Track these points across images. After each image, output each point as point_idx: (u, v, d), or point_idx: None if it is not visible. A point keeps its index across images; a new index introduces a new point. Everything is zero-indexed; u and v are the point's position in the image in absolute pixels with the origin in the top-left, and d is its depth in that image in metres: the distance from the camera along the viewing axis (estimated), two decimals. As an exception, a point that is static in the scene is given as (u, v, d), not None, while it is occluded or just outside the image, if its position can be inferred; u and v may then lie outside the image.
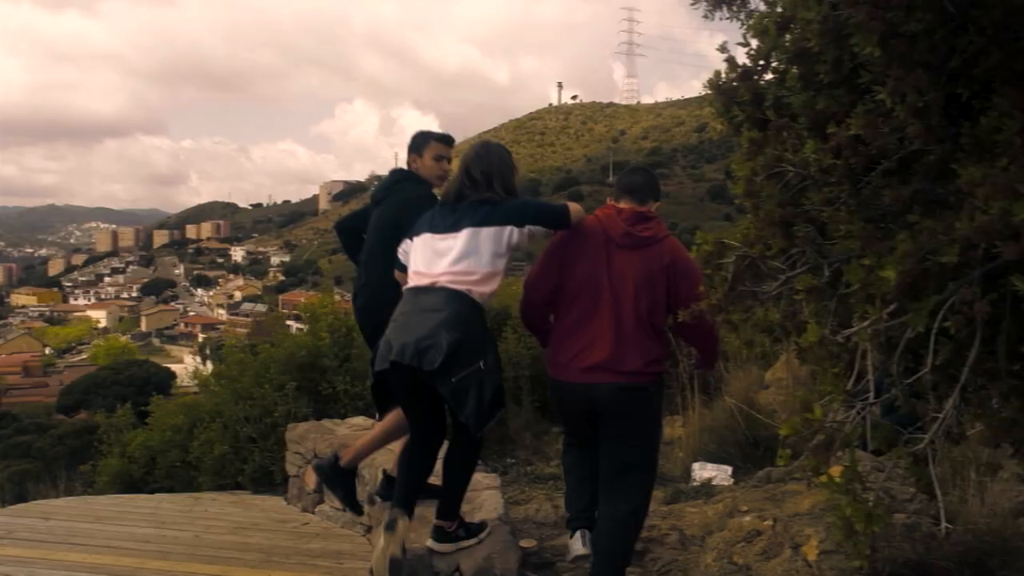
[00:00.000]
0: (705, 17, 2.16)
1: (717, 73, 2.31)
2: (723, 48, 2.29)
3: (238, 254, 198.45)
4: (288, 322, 10.96)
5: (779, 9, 2.10)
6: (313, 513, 6.97)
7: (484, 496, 5.32)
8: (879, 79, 1.81)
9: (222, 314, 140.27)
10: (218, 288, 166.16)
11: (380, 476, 5.58)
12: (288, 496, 7.40)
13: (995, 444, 2.08)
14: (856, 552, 1.75)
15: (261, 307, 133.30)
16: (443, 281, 4.09)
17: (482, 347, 4.08)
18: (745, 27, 2.23)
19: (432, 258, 4.20)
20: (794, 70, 2.30)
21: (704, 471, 6.93)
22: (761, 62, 2.22)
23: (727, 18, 2.15)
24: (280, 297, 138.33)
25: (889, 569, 3.65)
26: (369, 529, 6.27)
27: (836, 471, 1.85)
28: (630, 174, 4.39)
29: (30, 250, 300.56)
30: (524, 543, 5.42)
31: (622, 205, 4.20)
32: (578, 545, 4.40)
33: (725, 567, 4.13)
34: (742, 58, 2.24)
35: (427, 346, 3.91)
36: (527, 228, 4.20)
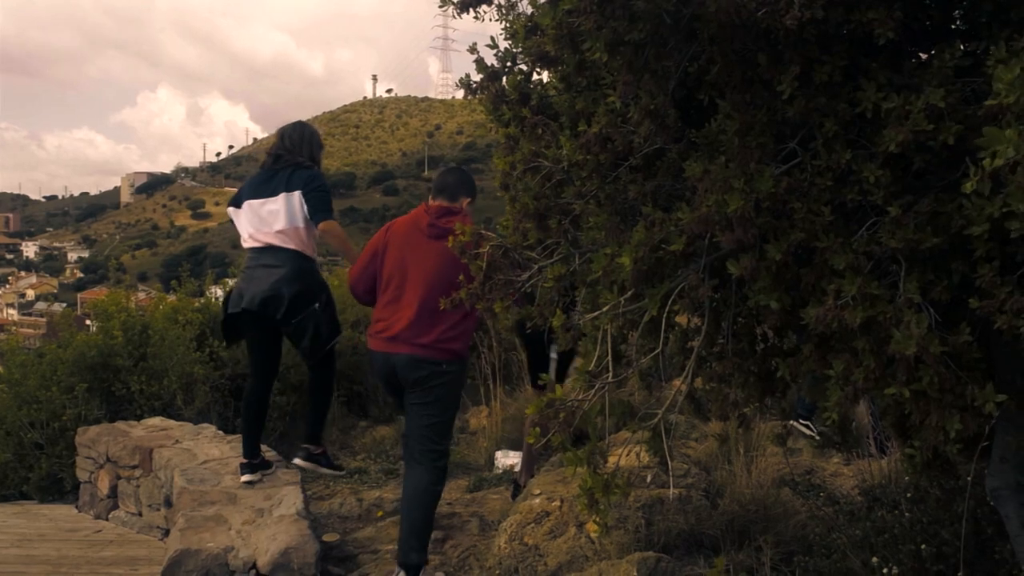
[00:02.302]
0: (454, 17, 2.26)
1: (465, 75, 2.44)
2: (473, 49, 2.41)
3: (30, 249, 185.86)
4: (88, 322, 10.39)
5: (529, 12, 2.23)
6: (107, 520, 6.69)
7: (284, 492, 5.28)
8: (612, 83, 1.97)
9: (13, 314, 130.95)
10: (8, 286, 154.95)
11: None
12: (79, 503, 7.07)
13: (724, 418, 2.30)
14: (598, 520, 1.90)
15: (58, 306, 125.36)
16: (275, 242, 5.01)
17: (316, 292, 5.08)
18: (502, 29, 2.35)
19: (260, 221, 5.09)
20: (546, 73, 2.44)
21: (507, 459, 7.12)
22: (508, 64, 2.36)
23: (475, 18, 2.26)
24: (79, 295, 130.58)
25: (664, 540, 3.90)
26: (167, 532, 6.09)
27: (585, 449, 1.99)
28: (443, 174, 4.85)
29: None
30: (327, 537, 5.42)
31: (436, 203, 4.60)
32: None
33: (516, 548, 4.29)
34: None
35: (270, 297, 4.93)
36: (298, 195, 5.04)
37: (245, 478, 5.41)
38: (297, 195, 5.03)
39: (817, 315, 1.81)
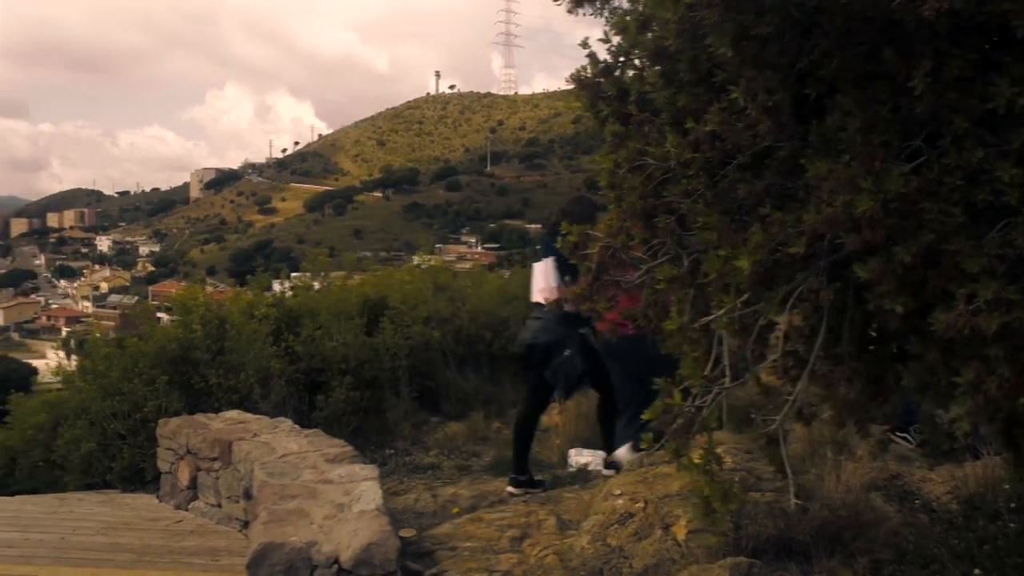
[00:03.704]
0: (569, 12, 2.22)
1: (580, 68, 2.39)
2: (585, 44, 2.36)
3: (104, 244, 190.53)
4: (160, 314, 10.59)
5: (640, 8, 2.18)
6: (187, 510, 6.81)
7: (362, 487, 5.31)
8: (733, 78, 1.91)
9: (87, 306, 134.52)
10: (83, 279, 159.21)
11: None
12: (160, 493, 7.21)
13: (841, 424, 2.22)
14: (714, 529, 1.84)
15: (130, 299, 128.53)
16: (538, 298, 6.14)
17: (563, 343, 5.93)
18: (608, 24, 2.30)
19: (535, 280, 6.23)
20: (655, 68, 2.38)
21: (580, 457, 7.06)
22: (622, 59, 2.31)
23: (590, 14, 2.22)
24: (150, 288, 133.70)
25: (752, 545, 3.82)
26: (246, 524, 6.17)
27: (697, 453, 1.94)
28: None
29: None
30: (404, 533, 5.43)
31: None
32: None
33: (599, 549, 4.25)
34: (604, 54, 2.33)
35: (531, 344, 6.12)
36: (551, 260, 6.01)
37: (511, 490, 6.29)
38: (548, 261, 6.05)
39: (948, 320, 1.73)
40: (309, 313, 9.01)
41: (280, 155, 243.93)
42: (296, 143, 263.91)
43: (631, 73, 2.30)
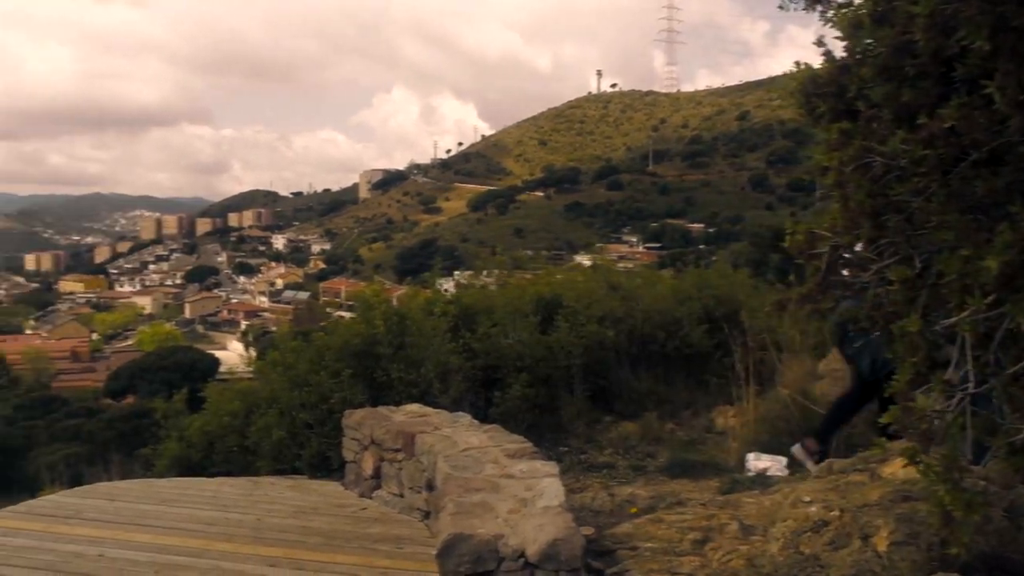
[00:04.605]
0: (805, 10, 2.17)
1: (799, 64, 2.33)
2: (820, 42, 2.31)
3: (279, 242, 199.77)
4: (338, 313, 11.04)
5: (874, 5, 2.11)
6: (371, 498, 7.06)
7: (544, 483, 5.36)
8: (982, 72, 1.82)
9: (264, 301, 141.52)
10: (260, 276, 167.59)
11: None
12: (345, 481, 7.50)
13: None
14: (954, 540, 1.77)
15: (303, 295, 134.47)
16: None
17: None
18: (834, 20, 2.24)
19: None
20: (879, 64, 2.30)
21: (759, 462, 6.90)
22: (858, 55, 2.24)
23: (823, 11, 2.16)
24: (321, 285, 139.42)
25: (962, 560, 3.64)
26: (427, 515, 6.36)
27: (931, 459, 1.86)
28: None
29: (77, 238, 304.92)
30: (583, 530, 5.45)
31: None
32: None
33: (792, 557, 4.14)
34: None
35: (837, 324, 6.07)
36: None
37: (798, 453, 6.51)
38: None
39: None
40: (485, 310, 9.18)
41: (444, 156, 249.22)
42: (460, 144, 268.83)
43: (864, 69, 2.23)
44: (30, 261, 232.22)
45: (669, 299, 10.16)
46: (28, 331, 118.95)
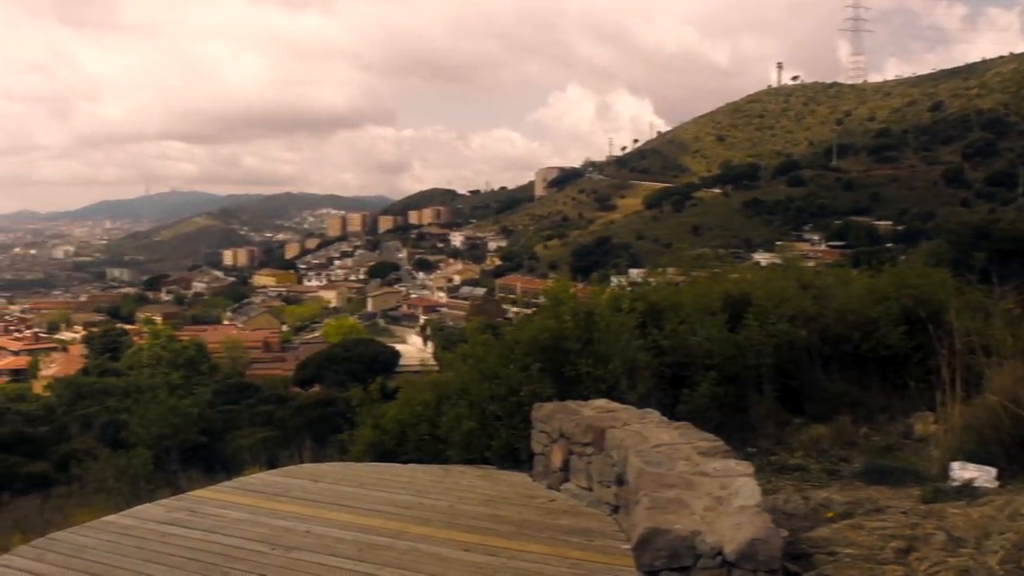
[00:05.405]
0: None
1: None
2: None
3: (457, 239, 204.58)
4: (513, 309, 11.25)
5: None
6: (558, 491, 7.18)
7: (739, 483, 5.30)
8: None
9: (442, 297, 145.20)
10: (438, 272, 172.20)
11: None
12: (533, 473, 7.66)
13: None
14: None
15: (479, 290, 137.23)
16: None
17: None
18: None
19: None
20: None
21: (965, 471, 6.57)
22: None
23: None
24: (496, 281, 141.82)
25: None
26: (615, 509, 6.40)
27: None
28: None
29: (269, 235, 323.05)
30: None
31: None
32: None
33: (1013, 572, 3.94)
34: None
35: None
36: None
37: None
38: None
39: None
40: (672, 308, 9.13)
41: (619, 153, 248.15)
42: (635, 141, 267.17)
43: None
44: (228, 256, 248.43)
45: (864, 298, 9.76)
46: (225, 322, 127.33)
